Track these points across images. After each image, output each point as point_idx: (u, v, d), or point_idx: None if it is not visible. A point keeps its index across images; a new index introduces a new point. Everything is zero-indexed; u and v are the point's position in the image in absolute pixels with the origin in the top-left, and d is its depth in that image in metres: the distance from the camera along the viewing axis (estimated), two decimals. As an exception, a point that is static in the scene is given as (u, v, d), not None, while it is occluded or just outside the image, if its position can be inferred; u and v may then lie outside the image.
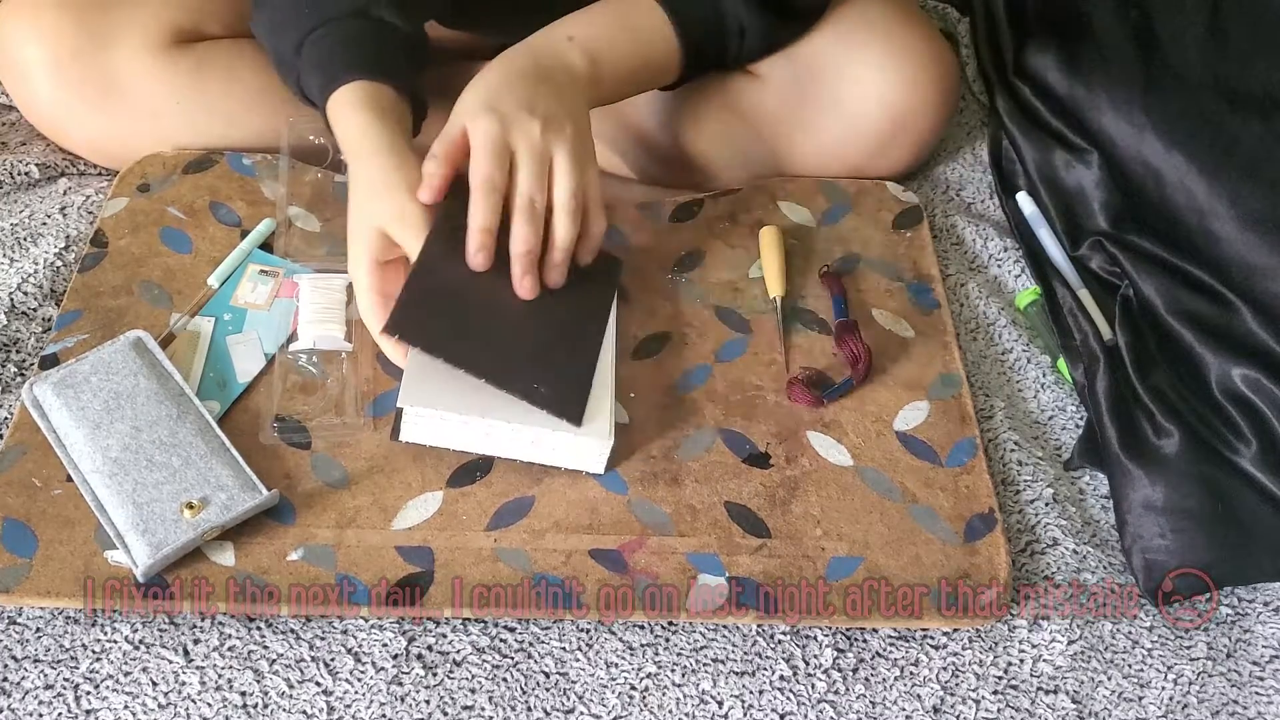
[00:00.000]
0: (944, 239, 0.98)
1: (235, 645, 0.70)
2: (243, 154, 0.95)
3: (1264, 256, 0.89)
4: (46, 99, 0.92)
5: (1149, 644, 0.74)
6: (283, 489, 0.74)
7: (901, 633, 0.73)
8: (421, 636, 0.71)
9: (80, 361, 0.78)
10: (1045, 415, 0.87)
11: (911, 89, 0.94)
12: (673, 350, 0.85)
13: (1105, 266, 0.94)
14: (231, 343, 0.82)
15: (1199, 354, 0.87)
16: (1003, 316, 0.91)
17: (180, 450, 0.74)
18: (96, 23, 0.90)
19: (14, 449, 0.75)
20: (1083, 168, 0.99)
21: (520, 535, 0.73)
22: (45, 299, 0.86)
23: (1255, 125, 0.94)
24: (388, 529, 0.73)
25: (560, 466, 0.76)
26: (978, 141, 1.09)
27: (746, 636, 0.72)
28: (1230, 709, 0.72)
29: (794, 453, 0.79)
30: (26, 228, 0.91)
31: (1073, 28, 1.08)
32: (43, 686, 0.67)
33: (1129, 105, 0.99)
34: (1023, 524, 0.79)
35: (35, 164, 0.96)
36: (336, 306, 0.83)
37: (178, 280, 0.86)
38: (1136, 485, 0.79)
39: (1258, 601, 0.77)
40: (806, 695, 0.70)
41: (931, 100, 0.96)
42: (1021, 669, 0.72)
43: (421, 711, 0.68)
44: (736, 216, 0.95)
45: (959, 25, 1.19)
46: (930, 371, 0.85)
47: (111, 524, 0.71)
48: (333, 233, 0.90)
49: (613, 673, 0.70)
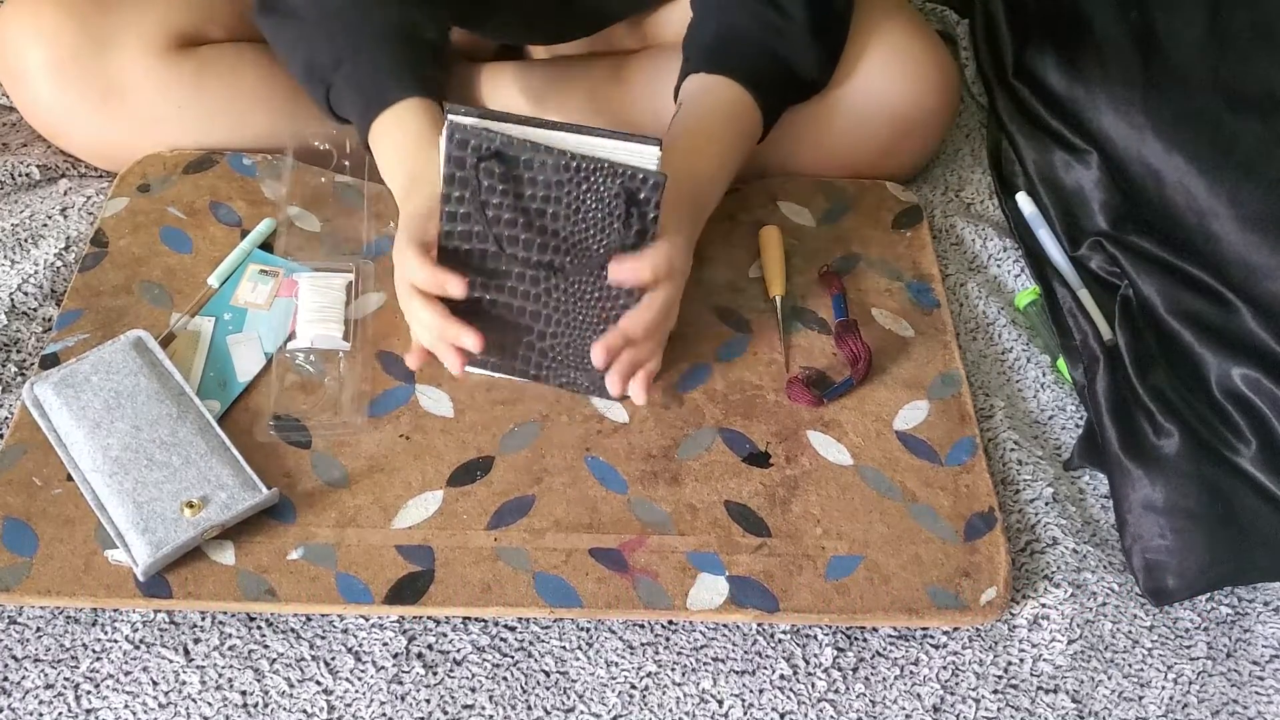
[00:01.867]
0: (944, 239, 0.98)
1: (236, 644, 0.70)
2: (243, 154, 0.95)
3: (1264, 256, 0.89)
4: (47, 102, 0.92)
5: (1149, 643, 0.74)
6: (283, 488, 0.74)
7: (901, 632, 0.73)
8: (422, 635, 0.71)
9: (81, 361, 0.78)
10: (1045, 415, 0.87)
11: (916, 96, 0.95)
12: (673, 350, 0.85)
13: (1105, 266, 0.94)
14: (232, 342, 0.82)
15: (1199, 354, 0.87)
16: (1002, 316, 0.91)
17: (180, 449, 0.74)
18: (98, 26, 0.89)
19: (14, 448, 0.75)
20: (1082, 168, 0.99)
21: (520, 534, 0.73)
22: (45, 299, 0.86)
23: (1255, 125, 0.94)
24: (388, 528, 0.73)
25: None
26: (977, 142, 1.09)
27: (746, 635, 0.72)
28: (1230, 708, 0.72)
29: (794, 452, 0.79)
30: (27, 228, 0.91)
31: (1072, 29, 1.08)
32: (43, 686, 0.67)
33: (1129, 106, 0.99)
34: (1022, 523, 0.79)
35: (36, 165, 0.96)
36: (335, 306, 0.83)
37: (178, 280, 0.86)
38: (1136, 485, 0.79)
39: (1258, 601, 0.77)
40: (806, 694, 0.70)
41: (935, 106, 0.96)
42: (1021, 668, 0.72)
43: (422, 710, 0.68)
44: (736, 216, 0.95)
45: (958, 27, 1.19)
46: (930, 371, 0.85)
47: (112, 523, 0.71)
48: (333, 233, 0.90)
49: (613, 671, 0.70)
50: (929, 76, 0.95)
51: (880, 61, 0.94)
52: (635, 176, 0.69)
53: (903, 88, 0.94)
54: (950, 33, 1.19)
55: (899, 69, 0.94)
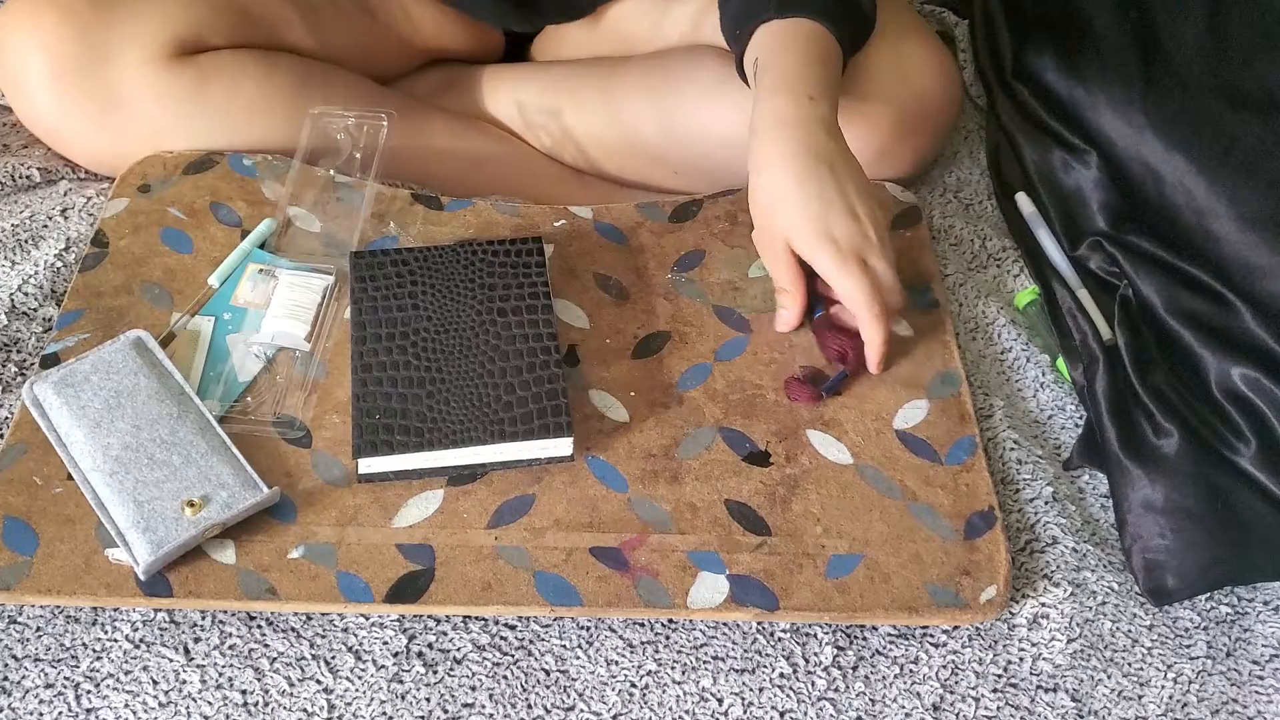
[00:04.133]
0: (943, 239, 0.98)
1: (236, 644, 0.70)
2: (243, 155, 0.95)
3: (1264, 256, 0.89)
4: (47, 111, 0.92)
5: (1149, 643, 0.74)
6: (283, 487, 0.74)
7: (901, 630, 0.73)
8: (422, 634, 0.71)
9: (81, 361, 0.78)
10: (1044, 414, 0.87)
11: (917, 96, 0.95)
12: (673, 350, 0.85)
13: (1104, 266, 0.94)
14: (232, 342, 0.82)
15: (1198, 354, 0.87)
16: (1002, 316, 0.92)
17: (181, 448, 0.74)
18: (98, 35, 0.89)
19: (15, 448, 0.75)
20: (1081, 168, 0.99)
21: (521, 533, 0.73)
22: (46, 299, 0.86)
23: (1255, 125, 0.94)
24: (388, 527, 0.73)
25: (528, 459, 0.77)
26: (976, 142, 1.09)
27: (746, 634, 0.72)
28: (1230, 708, 0.72)
29: (794, 451, 0.79)
30: (28, 229, 0.91)
31: (1072, 29, 1.08)
32: (43, 685, 0.67)
33: (1128, 105, 0.99)
34: (1022, 522, 0.79)
35: (37, 167, 0.96)
36: (308, 306, 0.84)
37: (178, 280, 0.86)
38: (1136, 485, 0.79)
39: (1257, 601, 0.77)
40: (806, 693, 0.70)
41: (936, 107, 0.96)
42: (1021, 667, 0.72)
43: (422, 709, 0.68)
44: (736, 216, 0.95)
45: (957, 28, 1.19)
46: (929, 370, 0.85)
47: (112, 522, 0.71)
48: (332, 233, 0.90)
49: (613, 670, 0.70)
50: (931, 76, 0.95)
51: (882, 62, 0.94)
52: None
53: (904, 88, 0.94)
54: (949, 33, 1.19)
55: (900, 70, 0.94)
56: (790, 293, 0.83)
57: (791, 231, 0.80)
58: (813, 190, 0.79)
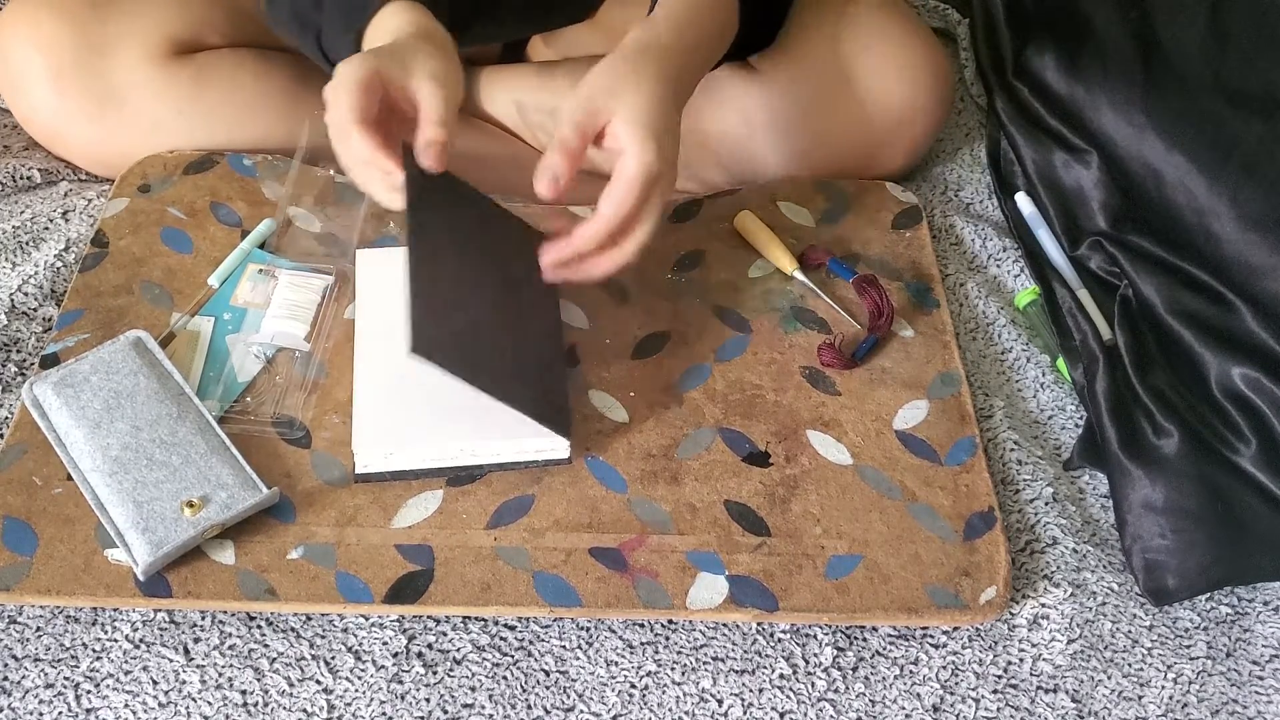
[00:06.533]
0: (943, 239, 0.98)
1: (236, 644, 0.70)
2: (243, 155, 0.95)
3: (1264, 256, 0.88)
4: (46, 110, 0.92)
5: (1149, 643, 0.74)
6: (283, 487, 0.74)
7: (901, 631, 0.73)
8: (422, 635, 0.71)
9: (80, 361, 0.78)
10: (1045, 415, 0.87)
11: (909, 93, 0.95)
12: (673, 350, 0.85)
13: (1104, 266, 0.94)
14: (231, 342, 0.82)
15: (1199, 354, 0.86)
16: (1002, 316, 0.91)
17: (180, 449, 0.74)
18: (96, 34, 0.89)
19: (14, 448, 0.75)
20: (1082, 168, 0.99)
21: (520, 533, 0.73)
22: (46, 299, 0.86)
23: (1255, 125, 0.94)
24: (388, 527, 0.73)
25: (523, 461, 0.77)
26: (976, 142, 1.09)
27: (746, 635, 0.72)
28: (1230, 708, 0.72)
29: (793, 451, 0.79)
30: (28, 230, 0.91)
31: (1072, 28, 1.08)
32: (43, 685, 0.67)
33: (1129, 105, 0.99)
34: (1022, 523, 0.79)
35: (38, 168, 0.96)
36: (307, 306, 0.84)
37: (178, 280, 0.86)
38: (1136, 485, 0.79)
39: (1257, 601, 0.77)
40: (806, 694, 0.70)
41: (927, 104, 0.97)
42: (1021, 668, 0.72)
43: (422, 709, 0.68)
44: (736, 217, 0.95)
45: (959, 27, 1.19)
46: (930, 371, 0.85)
47: (112, 522, 0.71)
48: (332, 233, 0.90)
49: (613, 671, 0.70)
50: (922, 72, 0.95)
51: (871, 57, 0.94)
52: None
53: (893, 84, 0.95)
54: (951, 31, 1.19)
55: (890, 64, 0.94)
56: (567, 161, 0.72)
57: (632, 113, 0.72)
58: (670, 115, 0.74)
